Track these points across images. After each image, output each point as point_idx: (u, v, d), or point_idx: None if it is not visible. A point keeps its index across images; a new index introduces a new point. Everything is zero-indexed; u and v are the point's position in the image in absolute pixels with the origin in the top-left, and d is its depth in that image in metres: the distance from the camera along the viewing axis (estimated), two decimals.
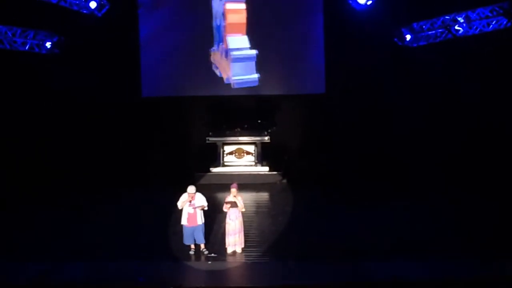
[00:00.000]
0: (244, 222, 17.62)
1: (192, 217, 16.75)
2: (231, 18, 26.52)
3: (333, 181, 24.89)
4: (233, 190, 17.02)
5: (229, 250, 17.01)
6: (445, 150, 23.92)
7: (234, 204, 16.85)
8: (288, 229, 19.37)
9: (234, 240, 17.01)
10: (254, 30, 26.69)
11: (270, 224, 20.07)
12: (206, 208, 17.01)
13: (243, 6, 26.32)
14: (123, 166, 25.77)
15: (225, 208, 16.94)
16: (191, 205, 16.75)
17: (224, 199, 17.19)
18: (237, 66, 26.71)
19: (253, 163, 26.43)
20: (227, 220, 17.04)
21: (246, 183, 24.44)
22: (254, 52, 26.51)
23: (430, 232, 18.39)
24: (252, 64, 26.66)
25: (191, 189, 16.83)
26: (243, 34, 26.59)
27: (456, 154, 23.78)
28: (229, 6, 26.51)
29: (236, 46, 26.58)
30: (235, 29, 26.59)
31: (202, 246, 17.04)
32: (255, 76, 26.74)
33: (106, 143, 26.04)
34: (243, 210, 17.10)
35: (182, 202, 16.82)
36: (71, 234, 18.89)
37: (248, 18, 26.57)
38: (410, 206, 20.99)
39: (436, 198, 21.79)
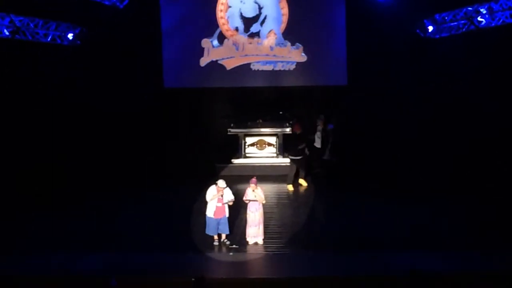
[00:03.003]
0: (266, 213, 17.67)
1: (219, 210, 16.87)
2: None
3: (354, 173, 24.81)
4: (252, 186, 17.12)
5: (250, 241, 17.07)
6: (456, 145, 23.71)
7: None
8: (309, 221, 19.39)
9: (254, 231, 17.07)
10: None
11: (291, 215, 20.10)
12: (231, 203, 17.08)
13: None
14: (144, 158, 25.79)
15: (245, 199, 17.03)
16: (220, 201, 16.82)
17: (245, 190, 17.23)
18: None
19: (275, 155, 26.37)
20: (248, 211, 17.14)
21: (267, 174, 24.52)
22: None
23: (447, 225, 18.43)
24: None
25: (221, 183, 16.91)
26: None
27: (466, 149, 23.55)
28: None
29: None
30: None
31: (224, 236, 17.11)
32: None
33: (126, 134, 26.00)
34: (264, 202, 17.14)
35: (213, 195, 16.87)
36: (94, 226, 19.02)
37: None
38: (420, 200, 20.95)
39: (447, 193, 21.61)
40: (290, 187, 23.48)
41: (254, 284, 14.96)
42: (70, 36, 24.88)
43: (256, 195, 16.94)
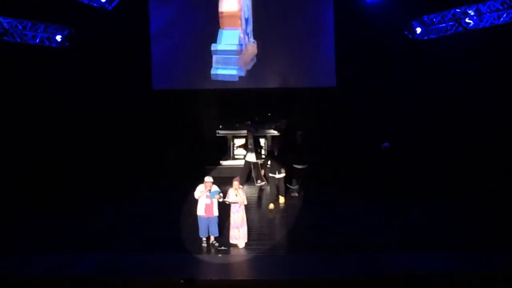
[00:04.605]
0: (253, 215, 17.66)
1: (209, 207, 16.86)
2: None
3: (343, 174, 24.86)
4: (235, 184, 17.13)
5: (232, 243, 17.05)
6: (456, 145, 23.77)
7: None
8: (297, 222, 19.38)
9: (235, 234, 17.07)
10: (264, 23, 26.74)
11: (279, 217, 20.07)
12: (221, 200, 17.03)
13: None
14: (133, 160, 25.75)
15: (226, 201, 17.08)
16: (208, 197, 16.82)
17: (227, 191, 17.29)
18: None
19: (263, 156, 26.34)
20: (230, 213, 17.17)
21: (256, 176, 24.54)
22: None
23: (442, 226, 18.44)
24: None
25: (208, 178, 16.96)
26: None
27: (466, 149, 23.62)
28: None
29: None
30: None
31: (212, 238, 17.10)
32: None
33: (115, 136, 25.93)
34: (245, 203, 17.11)
35: (200, 192, 16.89)
36: (86, 227, 19.00)
37: (258, 11, 26.66)
38: (420, 201, 21.10)
39: (447, 193, 21.71)
40: (271, 206, 21.31)
41: (244, 286, 14.94)
42: (58, 38, 24.87)
43: (238, 196, 16.93)
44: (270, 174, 21.62)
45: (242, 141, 26.15)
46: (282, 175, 21.52)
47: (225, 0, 26.14)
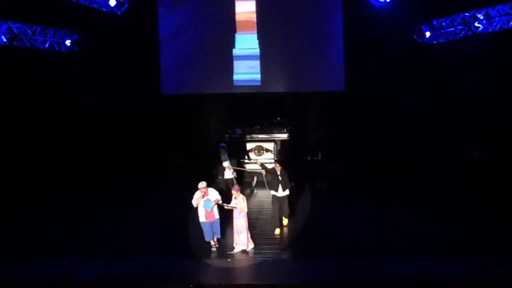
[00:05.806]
0: (261, 219, 17.59)
1: (209, 213, 16.89)
2: None
3: (351, 178, 24.84)
4: (234, 192, 17.14)
5: (235, 249, 17.05)
6: (462, 148, 23.73)
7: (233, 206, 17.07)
8: (305, 226, 19.31)
9: (236, 239, 17.10)
10: (272, 27, 26.76)
11: (290, 221, 19.95)
12: (220, 202, 17.06)
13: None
14: (141, 164, 25.80)
15: (225, 204, 17.16)
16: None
17: (230, 197, 17.36)
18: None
19: (272, 160, 26.31)
20: (233, 218, 17.22)
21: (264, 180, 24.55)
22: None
23: (448, 229, 18.36)
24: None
25: (202, 184, 16.91)
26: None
27: (472, 152, 23.60)
28: None
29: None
30: None
31: (215, 239, 17.21)
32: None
33: (124, 140, 25.99)
34: (245, 211, 17.10)
35: (197, 199, 16.89)
36: (91, 232, 18.99)
37: (268, 16, 26.70)
38: (426, 203, 21.02)
39: (451, 196, 21.67)
40: (277, 231, 18.90)
41: None
42: (67, 42, 24.93)
43: (238, 204, 16.93)
44: (271, 192, 19.27)
45: (252, 145, 26.15)
46: (286, 193, 19.16)
47: (241, 4, 26.31)
